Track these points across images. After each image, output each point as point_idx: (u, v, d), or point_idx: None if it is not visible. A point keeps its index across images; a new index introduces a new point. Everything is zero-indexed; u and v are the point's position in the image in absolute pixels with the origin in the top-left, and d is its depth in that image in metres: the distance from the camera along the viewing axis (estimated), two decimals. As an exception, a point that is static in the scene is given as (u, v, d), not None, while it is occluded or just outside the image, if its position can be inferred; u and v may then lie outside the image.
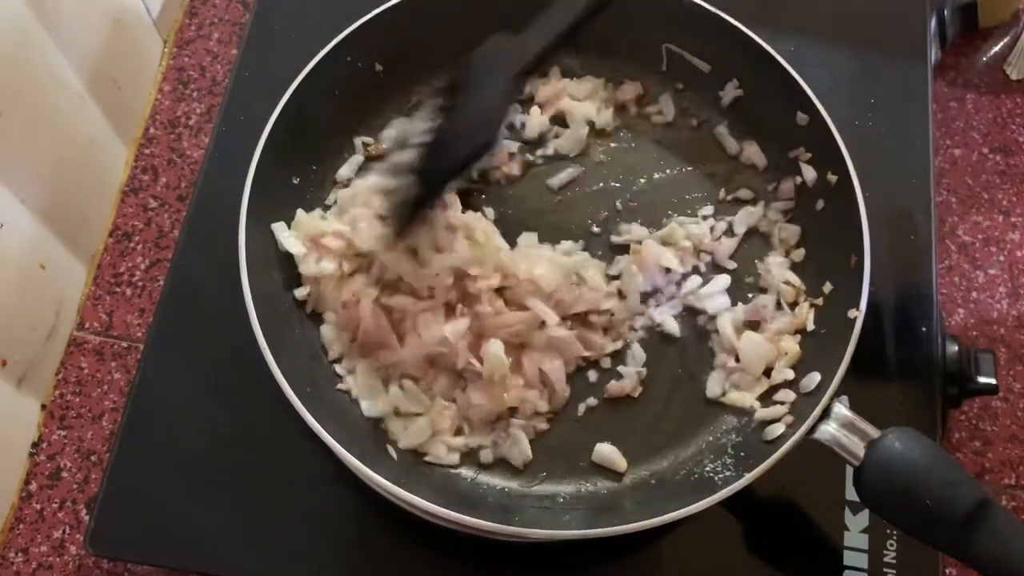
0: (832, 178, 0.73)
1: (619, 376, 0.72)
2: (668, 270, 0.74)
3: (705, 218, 0.78)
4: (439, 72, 0.82)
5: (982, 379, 0.74)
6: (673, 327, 0.74)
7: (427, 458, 0.69)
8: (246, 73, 0.85)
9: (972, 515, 0.57)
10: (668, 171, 0.81)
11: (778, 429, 0.65)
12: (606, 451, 0.69)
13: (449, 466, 0.69)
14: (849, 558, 0.69)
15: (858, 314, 0.66)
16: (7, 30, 0.74)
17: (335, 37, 0.75)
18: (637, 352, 0.73)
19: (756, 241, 0.77)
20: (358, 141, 0.80)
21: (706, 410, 0.72)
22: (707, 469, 0.67)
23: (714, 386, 0.72)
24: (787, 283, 0.74)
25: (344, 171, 0.78)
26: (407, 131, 0.70)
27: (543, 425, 0.71)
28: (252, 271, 0.67)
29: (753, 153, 0.79)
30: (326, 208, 0.76)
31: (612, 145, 0.82)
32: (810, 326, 0.71)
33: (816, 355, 0.69)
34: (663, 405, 0.72)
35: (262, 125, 0.71)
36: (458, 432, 0.70)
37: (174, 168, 0.95)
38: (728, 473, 0.65)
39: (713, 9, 0.77)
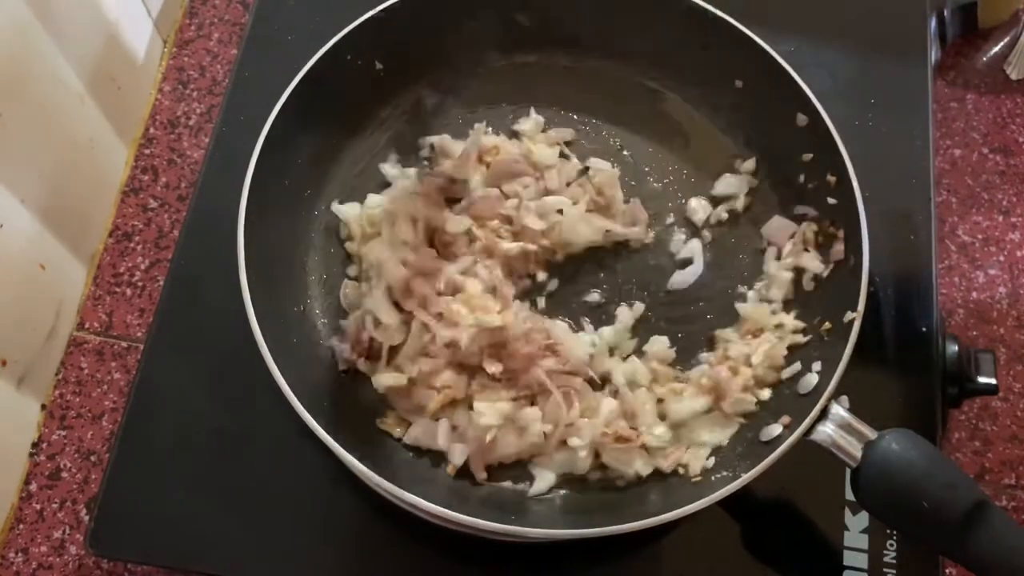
0: (831, 179, 0.73)
1: None
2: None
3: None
4: (439, 70, 0.83)
5: (982, 379, 0.74)
6: None
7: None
8: (246, 73, 0.85)
9: (969, 517, 0.57)
10: (671, 167, 0.81)
11: (775, 430, 0.65)
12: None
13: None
14: (849, 558, 0.69)
15: (856, 315, 0.66)
16: (7, 30, 0.74)
17: (335, 36, 0.75)
18: None
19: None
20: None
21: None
22: (706, 470, 0.67)
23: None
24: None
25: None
26: None
27: None
28: (251, 271, 0.67)
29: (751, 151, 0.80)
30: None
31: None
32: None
33: (814, 356, 0.69)
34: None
35: (262, 125, 0.71)
36: None
37: (174, 168, 0.95)
38: (726, 473, 0.65)
39: (713, 9, 0.77)
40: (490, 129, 0.81)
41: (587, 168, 0.80)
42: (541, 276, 0.76)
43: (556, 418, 0.68)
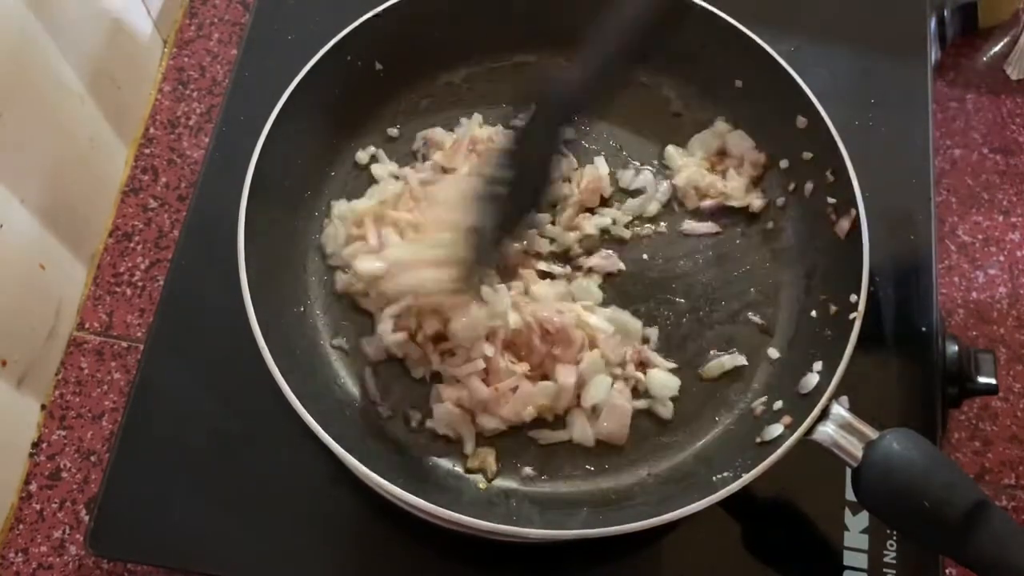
0: (831, 178, 0.73)
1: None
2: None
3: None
4: (439, 71, 0.83)
5: (982, 379, 0.74)
6: None
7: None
8: (246, 73, 0.85)
9: (969, 517, 0.57)
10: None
11: (776, 430, 0.65)
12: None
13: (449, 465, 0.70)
14: (849, 558, 0.69)
15: (857, 315, 0.66)
16: (7, 30, 0.74)
17: (335, 36, 0.75)
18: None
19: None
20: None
21: (706, 411, 0.72)
22: (706, 469, 0.67)
23: None
24: None
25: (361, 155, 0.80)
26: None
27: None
28: (251, 271, 0.67)
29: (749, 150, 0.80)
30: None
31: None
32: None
33: (815, 356, 0.69)
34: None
35: (262, 125, 0.71)
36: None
37: (174, 168, 0.95)
38: (726, 474, 0.65)
39: (713, 9, 0.77)
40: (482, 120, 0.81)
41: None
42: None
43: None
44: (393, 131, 0.81)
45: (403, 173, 0.79)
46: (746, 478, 0.61)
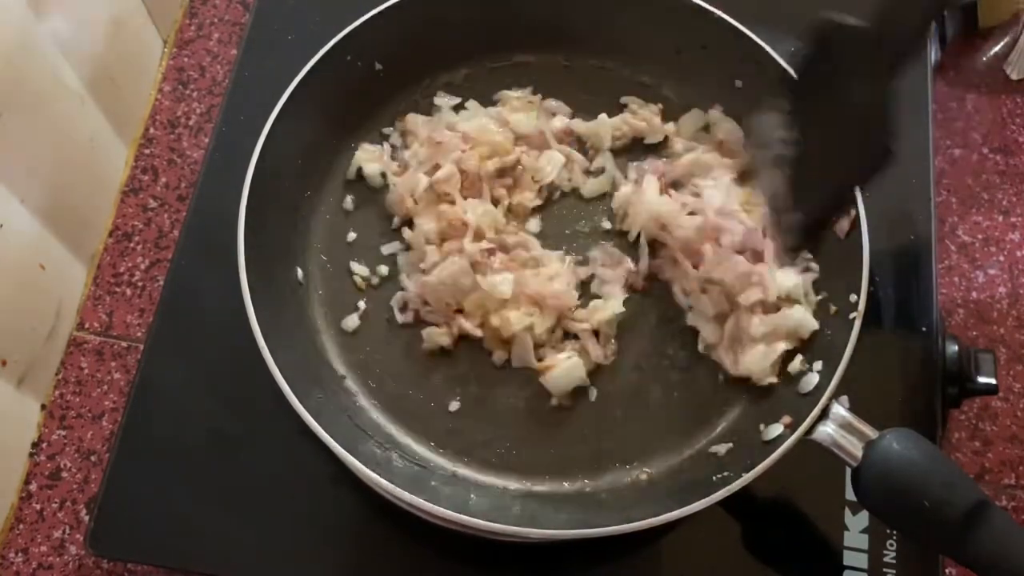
0: (831, 178, 0.73)
1: None
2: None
3: None
4: (439, 71, 0.83)
5: (982, 379, 0.74)
6: None
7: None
8: (246, 73, 0.85)
9: (969, 516, 0.57)
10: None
11: (776, 430, 0.65)
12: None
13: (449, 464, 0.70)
14: (849, 558, 0.69)
15: (857, 314, 0.66)
16: (7, 30, 0.74)
17: (335, 37, 0.75)
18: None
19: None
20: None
21: (706, 411, 0.72)
22: (706, 469, 0.67)
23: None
24: None
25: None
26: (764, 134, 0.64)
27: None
28: (251, 271, 0.67)
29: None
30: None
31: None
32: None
33: (815, 355, 0.69)
34: (664, 406, 0.72)
35: (262, 125, 0.71)
36: None
37: (174, 168, 0.95)
38: (726, 473, 0.65)
39: (713, 9, 0.77)
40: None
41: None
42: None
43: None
44: (392, 131, 0.81)
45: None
46: (746, 478, 0.61)
